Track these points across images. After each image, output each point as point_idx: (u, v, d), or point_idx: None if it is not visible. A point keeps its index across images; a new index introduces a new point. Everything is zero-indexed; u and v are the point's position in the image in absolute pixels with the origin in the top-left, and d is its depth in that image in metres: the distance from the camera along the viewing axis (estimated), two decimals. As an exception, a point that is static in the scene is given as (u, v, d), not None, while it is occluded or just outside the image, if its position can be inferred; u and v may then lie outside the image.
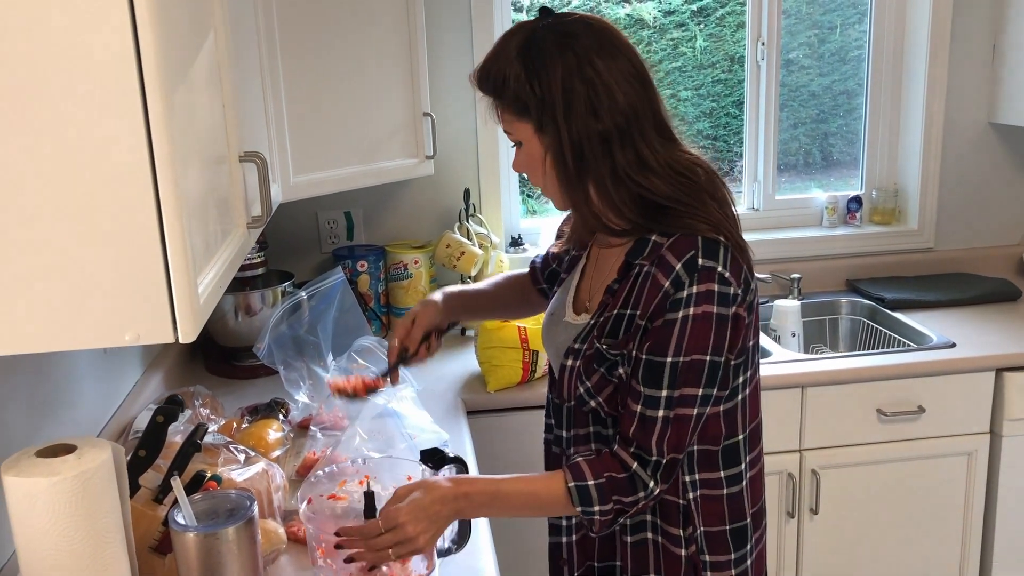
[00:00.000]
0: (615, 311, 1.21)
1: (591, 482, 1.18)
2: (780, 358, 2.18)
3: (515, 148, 1.26)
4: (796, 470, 2.14)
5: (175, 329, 0.93)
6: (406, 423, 1.55)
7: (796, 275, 2.54)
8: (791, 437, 2.13)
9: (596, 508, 1.18)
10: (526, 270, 1.58)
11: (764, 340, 2.29)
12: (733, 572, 1.28)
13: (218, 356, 2.18)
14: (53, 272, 0.88)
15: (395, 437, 1.51)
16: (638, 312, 1.18)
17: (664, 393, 1.15)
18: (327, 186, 1.97)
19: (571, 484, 1.18)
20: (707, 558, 1.27)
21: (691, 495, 1.25)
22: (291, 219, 2.41)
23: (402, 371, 1.50)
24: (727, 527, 1.27)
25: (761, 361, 1.34)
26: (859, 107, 2.73)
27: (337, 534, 1.16)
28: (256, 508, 1.10)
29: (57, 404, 1.47)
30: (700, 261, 1.14)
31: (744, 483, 1.27)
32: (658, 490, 1.19)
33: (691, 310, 1.13)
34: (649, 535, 1.29)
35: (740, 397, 1.24)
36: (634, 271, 1.20)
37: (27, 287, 0.88)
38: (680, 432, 1.17)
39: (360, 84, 2.02)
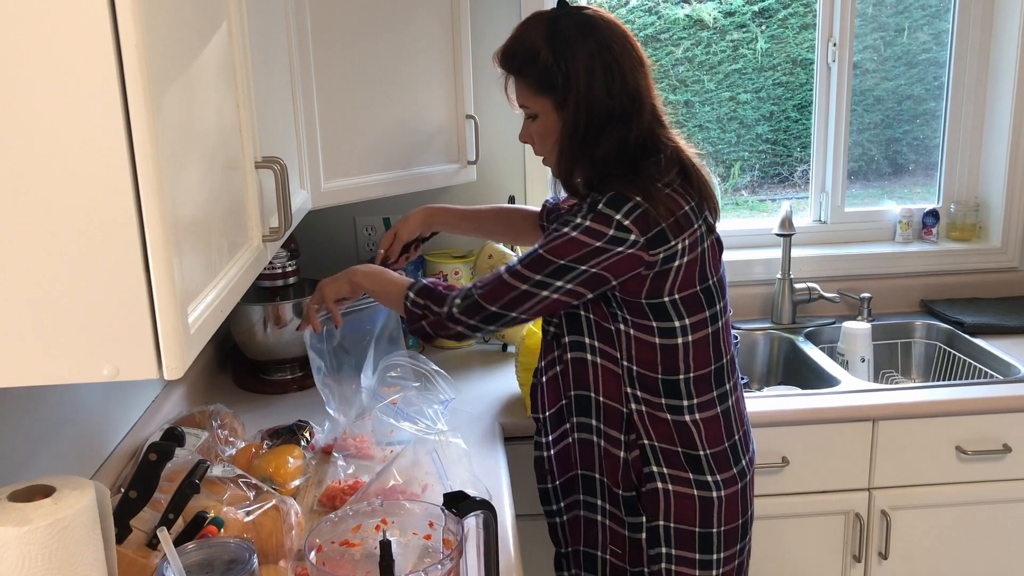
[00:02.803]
0: None
1: (425, 280, 1.51)
2: (849, 387, 2.00)
3: (525, 120, 1.46)
4: (864, 510, 1.96)
5: (160, 364, 0.80)
6: (448, 470, 1.43)
7: (866, 294, 2.36)
8: (859, 474, 1.95)
9: (411, 295, 1.48)
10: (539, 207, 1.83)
11: (831, 366, 2.11)
12: (695, 493, 1.43)
13: (246, 369, 2.08)
14: (16, 298, 0.76)
15: (431, 481, 1.38)
16: None
17: (514, 262, 1.40)
18: (360, 193, 1.85)
19: (417, 279, 1.53)
20: (664, 470, 1.43)
21: (632, 407, 1.43)
22: (327, 225, 2.30)
23: (449, 413, 1.74)
24: (679, 449, 1.43)
25: (828, 391, 1.55)
26: (926, 113, 2.53)
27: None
28: (256, 561, 0.97)
29: (63, 421, 1.36)
30: (601, 206, 1.34)
31: (690, 419, 1.43)
32: (456, 312, 1.43)
33: (573, 233, 1.34)
34: (593, 438, 1.47)
35: (681, 341, 1.41)
36: None
37: (-14, 314, 0.76)
38: (500, 290, 1.40)
39: (399, 84, 1.89)
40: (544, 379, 1.52)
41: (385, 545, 1.05)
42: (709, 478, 1.43)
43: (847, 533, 1.97)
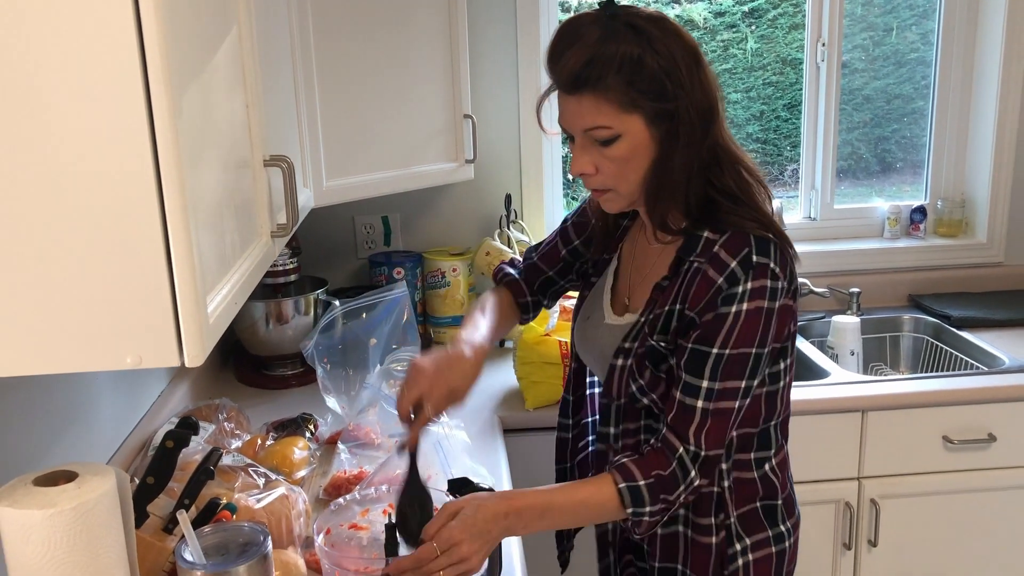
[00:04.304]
0: (665, 307, 1.21)
1: (642, 482, 1.17)
2: (839, 379, 2.05)
3: (584, 146, 1.18)
4: (854, 499, 2.01)
5: (181, 352, 0.84)
6: (451, 460, 1.46)
7: (855, 289, 2.41)
8: (849, 464, 1.99)
9: (647, 508, 1.17)
10: (492, 292, 1.49)
11: (821, 359, 2.16)
12: (773, 549, 1.29)
13: (249, 365, 2.11)
14: (45, 289, 0.80)
15: (435, 471, 1.42)
16: (686, 306, 1.18)
17: (705, 384, 1.16)
18: (362, 191, 1.89)
19: (622, 485, 1.17)
20: (747, 541, 1.27)
21: (725, 483, 1.26)
22: (326, 224, 2.33)
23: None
24: (758, 504, 1.28)
25: (818, 382, 1.41)
26: (914, 111, 2.58)
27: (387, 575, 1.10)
28: (270, 543, 1.01)
29: (74, 416, 1.40)
30: (755, 258, 1.15)
31: (769, 468, 1.29)
32: (698, 482, 1.18)
33: (744, 305, 1.15)
34: (679, 528, 1.28)
35: (782, 383, 1.25)
36: (684, 267, 1.21)
37: (16, 304, 0.80)
38: (720, 426, 1.17)
39: (398, 85, 1.94)
40: (620, 444, 1.29)
41: (391, 528, 1.10)
42: (782, 527, 1.31)
43: (837, 522, 2.02)
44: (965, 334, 2.27)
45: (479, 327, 1.36)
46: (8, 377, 0.83)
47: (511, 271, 1.51)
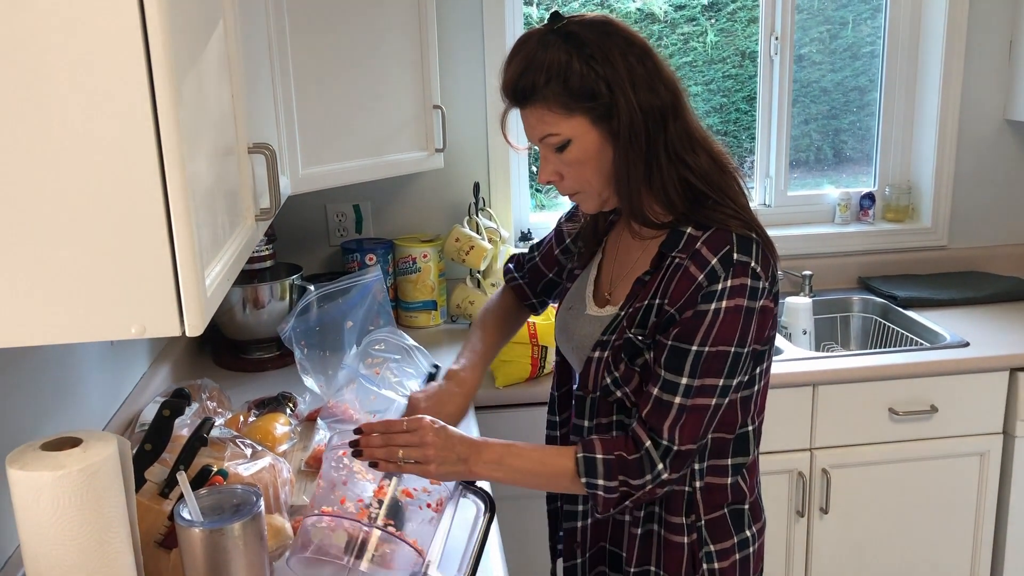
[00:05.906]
0: (645, 301, 1.23)
1: (600, 456, 1.20)
2: (791, 356, 2.16)
3: (545, 155, 1.23)
4: (806, 469, 2.12)
5: (182, 322, 0.91)
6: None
7: (808, 272, 2.52)
8: (802, 436, 2.11)
9: (601, 482, 1.19)
10: (500, 293, 1.61)
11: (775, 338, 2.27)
12: (737, 556, 1.31)
13: (226, 349, 2.17)
14: (57, 263, 0.86)
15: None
16: (666, 301, 1.20)
17: (684, 381, 1.17)
18: (336, 178, 1.96)
19: (580, 454, 1.20)
20: (711, 548, 1.29)
21: (697, 483, 1.28)
22: (300, 212, 2.39)
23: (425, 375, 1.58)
24: (725, 510, 1.30)
25: (773, 359, 1.35)
26: (871, 103, 2.70)
27: (358, 431, 1.22)
28: (262, 503, 1.09)
29: (63, 396, 1.46)
30: (735, 256, 1.17)
31: (745, 471, 1.31)
32: (666, 476, 1.19)
33: (723, 303, 1.16)
34: (654, 527, 1.30)
35: (757, 387, 1.27)
36: (666, 262, 1.23)
37: (30, 278, 0.86)
38: (696, 422, 1.19)
39: (370, 76, 2.01)
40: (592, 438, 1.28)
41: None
42: (748, 533, 1.33)
43: (791, 490, 2.14)
44: (911, 313, 2.40)
45: (475, 351, 1.51)
46: (12, 351, 0.89)
47: (516, 274, 1.60)
